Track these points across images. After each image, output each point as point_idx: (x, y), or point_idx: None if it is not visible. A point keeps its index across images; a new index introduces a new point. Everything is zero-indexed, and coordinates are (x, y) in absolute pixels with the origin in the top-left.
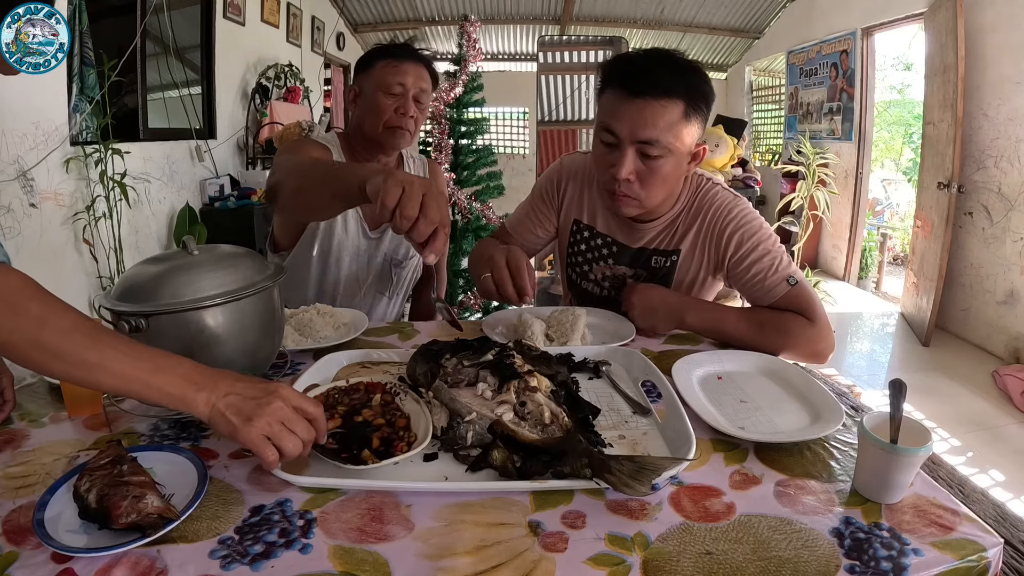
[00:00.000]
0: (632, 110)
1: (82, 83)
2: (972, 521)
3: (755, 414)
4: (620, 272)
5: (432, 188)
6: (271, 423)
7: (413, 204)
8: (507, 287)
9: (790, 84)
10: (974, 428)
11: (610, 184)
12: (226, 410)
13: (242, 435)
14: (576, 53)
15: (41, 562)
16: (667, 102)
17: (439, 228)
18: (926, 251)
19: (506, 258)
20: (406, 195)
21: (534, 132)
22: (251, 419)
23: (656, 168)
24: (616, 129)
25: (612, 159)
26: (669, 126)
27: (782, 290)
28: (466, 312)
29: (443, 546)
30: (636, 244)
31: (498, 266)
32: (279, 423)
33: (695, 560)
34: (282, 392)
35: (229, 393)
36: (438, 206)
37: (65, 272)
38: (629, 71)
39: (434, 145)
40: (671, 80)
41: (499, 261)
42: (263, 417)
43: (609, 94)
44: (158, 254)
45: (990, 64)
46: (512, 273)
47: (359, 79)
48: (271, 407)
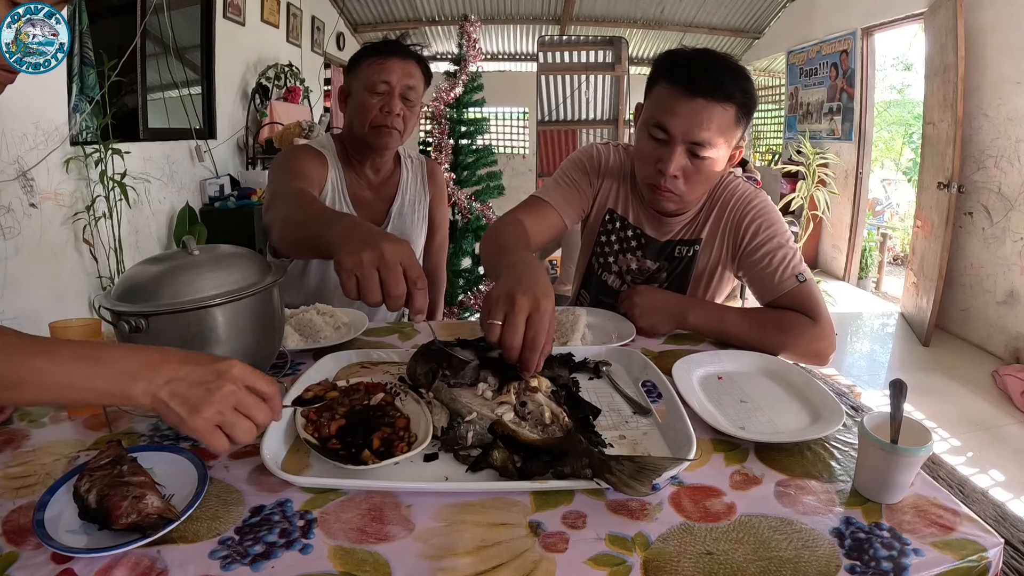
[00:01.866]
0: (690, 109)
1: (82, 83)
2: (972, 521)
3: (755, 414)
4: (647, 266)
5: (386, 257)
6: (222, 411)
7: (373, 292)
8: (514, 356)
9: (790, 84)
10: (974, 428)
11: (655, 179)
12: (170, 400)
13: (188, 427)
14: (576, 53)
15: (41, 562)
16: (725, 105)
17: (412, 290)
18: (926, 251)
19: (530, 314)
20: (361, 284)
21: (534, 132)
22: (198, 408)
23: (702, 168)
24: (670, 126)
25: (660, 155)
26: (722, 129)
27: (790, 285)
28: (466, 312)
29: (443, 546)
30: (664, 237)
31: (515, 325)
32: (231, 409)
33: (696, 560)
34: (233, 372)
35: (172, 379)
36: (395, 277)
37: (65, 272)
38: (688, 70)
39: (434, 145)
40: (730, 84)
41: (518, 319)
42: (212, 405)
43: (663, 90)
44: (158, 254)
45: (990, 64)
46: (527, 342)
47: (348, 80)
48: (221, 392)
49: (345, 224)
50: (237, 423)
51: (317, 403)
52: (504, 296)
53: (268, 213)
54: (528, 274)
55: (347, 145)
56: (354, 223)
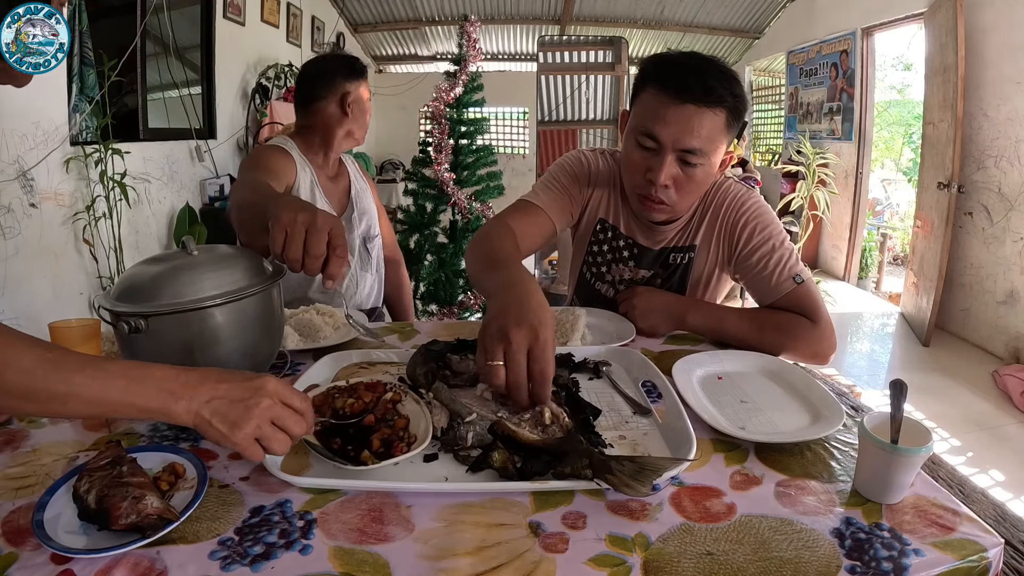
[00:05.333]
0: (678, 116)
1: (82, 83)
2: (972, 521)
3: (755, 414)
4: (641, 276)
5: (316, 221)
6: (260, 425)
7: (295, 245)
8: (522, 394)
9: (790, 84)
10: (974, 428)
11: (644, 188)
12: (212, 417)
13: (231, 442)
14: (576, 53)
15: (41, 563)
16: (716, 110)
17: (331, 256)
18: (926, 251)
19: (530, 346)
20: (288, 238)
21: (534, 132)
22: (238, 424)
23: (694, 175)
24: (659, 134)
25: (650, 164)
26: (713, 135)
27: (788, 287)
28: (466, 312)
29: (443, 547)
30: (657, 246)
31: (517, 363)
32: (268, 423)
33: (696, 560)
34: (269, 387)
35: (213, 398)
36: (319, 239)
37: (65, 272)
38: (676, 74)
39: (434, 145)
40: (720, 88)
41: (518, 357)
42: (251, 420)
43: (650, 96)
44: (158, 254)
45: (990, 64)
46: (534, 376)
47: (351, 85)
48: (259, 408)
49: (289, 197)
50: (274, 436)
51: (353, 420)
52: (497, 333)
53: (228, 208)
54: (520, 299)
55: (324, 142)
56: (299, 199)
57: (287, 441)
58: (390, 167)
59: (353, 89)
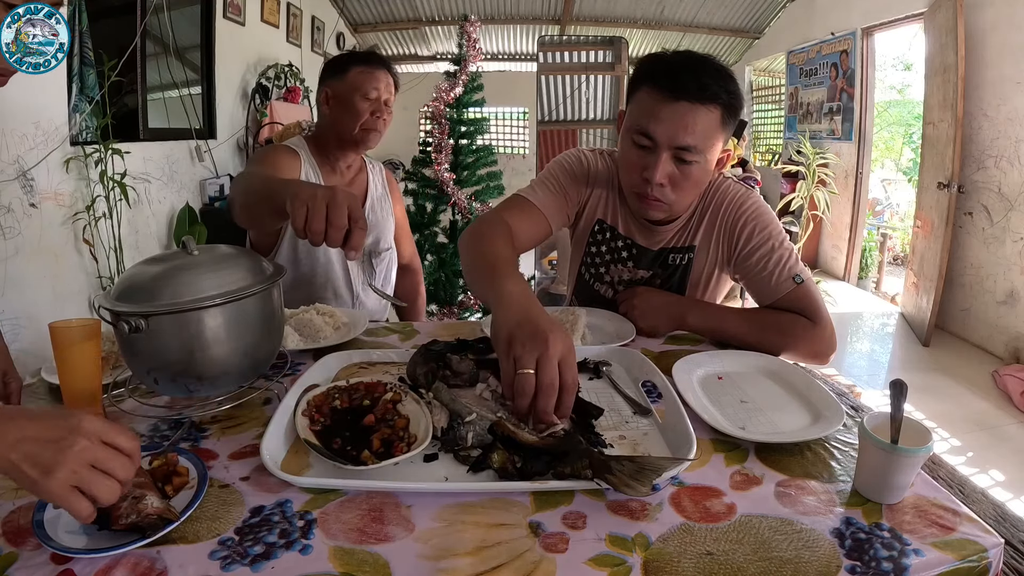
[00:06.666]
0: (673, 113)
1: (82, 83)
2: (972, 521)
3: (755, 414)
4: (640, 276)
5: (336, 196)
6: (76, 469)
7: (318, 218)
8: (551, 401)
9: (790, 84)
10: (974, 428)
11: (640, 187)
12: (21, 462)
13: (43, 491)
14: (576, 53)
15: (41, 563)
16: (710, 107)
17: (353, 228)
18: (926, 251)
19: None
20: (311, 212)
21: (534, 132)
22: (51, 470)
23: (690, 173)
24: (654, 132)
25: (646, 162)
26: (708, 132)
27: (788, 287)
28: (466, 312)
29: (444, 547)
30: (656, 246)
31: (552, 369)
32: (87, 467)
33: (696, 560)
34: (84, 426)
35: (21, 440)
36: (340, 212)
37: (65, 272)
38: (670, 72)
39: (434, 145)
40: (714, 85)
41: (555, 364)
42: (66, 464)
43: (645, 95)
44: (158, 254)
45: (990, 64)
46: (566, 383)
47: (331, 83)
48: (74, 450)
49: (301, 181)
50: (95, 481)
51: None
52: (530, 340)
53: (230, 196)
54: (536, 308)
55: (328, 143)
56: (310, 182)
57: (114, 486)
58: (390, 167)
59: (335, 86)
